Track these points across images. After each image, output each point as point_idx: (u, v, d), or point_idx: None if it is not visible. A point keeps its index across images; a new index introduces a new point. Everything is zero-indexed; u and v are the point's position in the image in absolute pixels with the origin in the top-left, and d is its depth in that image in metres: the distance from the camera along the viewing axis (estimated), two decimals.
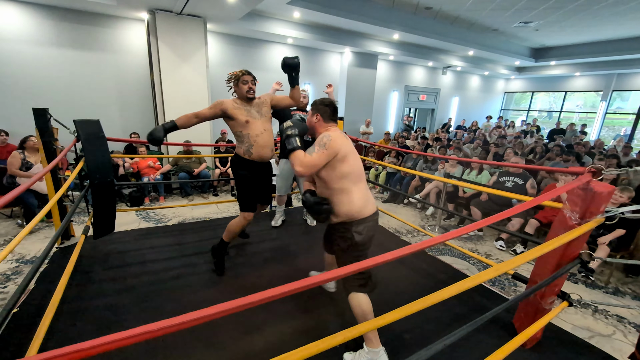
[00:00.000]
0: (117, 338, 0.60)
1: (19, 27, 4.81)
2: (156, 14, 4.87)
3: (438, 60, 8.97)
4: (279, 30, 6.21)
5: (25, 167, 3.66)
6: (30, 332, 1.79)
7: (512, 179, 4.09)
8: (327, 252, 2.06)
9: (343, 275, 0.87)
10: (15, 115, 4.90)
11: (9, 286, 2.68)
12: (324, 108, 1.73)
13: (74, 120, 2.73)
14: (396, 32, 6.75)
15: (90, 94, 5.45)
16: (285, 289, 0.76)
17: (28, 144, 3.73)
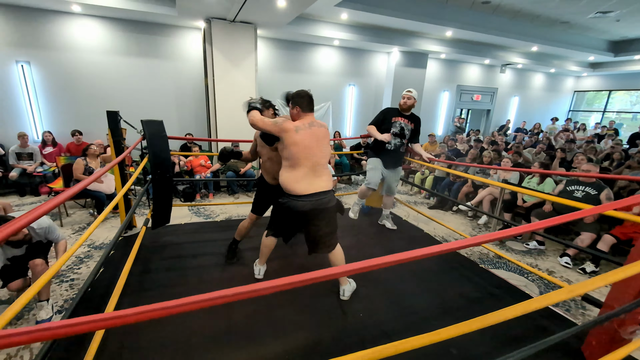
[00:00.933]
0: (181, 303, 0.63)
1: (97, 39, 5.46)
2: (212, 22, 5.19)
3: (496, 58, 8.30)
4: (326, 32, 6.24)
5: (87, 172, 4.11)
6: (100, 310, 2.00)
7: (582, 189, 3.60)
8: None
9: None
10: (89, 117, 5.56)
11: (82, 268, 3.01)
12: (300, 100, 2.09)
13: (141, 120, 2.99)
14: (449, 29, 6.38)
15: (152, 98, 5.99)
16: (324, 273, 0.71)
17: (89, 151, 4.20)
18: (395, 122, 3.27)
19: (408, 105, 3.20)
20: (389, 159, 3.34)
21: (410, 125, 3.28)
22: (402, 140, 3.29)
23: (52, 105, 5.44)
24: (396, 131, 3.25)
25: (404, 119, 3.26)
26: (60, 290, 2.63)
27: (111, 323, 0.59)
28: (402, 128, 3.26)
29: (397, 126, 3.26)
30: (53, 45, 5.21)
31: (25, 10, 4.94)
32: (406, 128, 3.26)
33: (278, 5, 4.37)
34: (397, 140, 3.29)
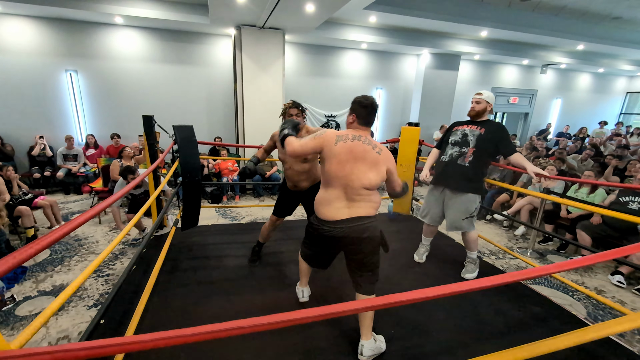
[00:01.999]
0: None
1: (136, 48, 5.79)
2: (242, 29, 5.32)
3: (536, 58, 7.80)
4: (354, 36, 6.18)
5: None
6: (132, 305, 2.09)
7: (639, 200, 3.23)
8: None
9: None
10: (127, 121, 5.89)
11: (117, 264, 3.15)
12: (361, 110, 1.69)
13: (173, 125, 3.10)
14: (485, 28, 6.09)
15: (185, 103, 6.24)
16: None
17: (124, 154, 4.44)
18: (457, 130, 2.57)
19: (476, 110, 2.52)
20: (443, 175, 2.55)
21: (480, 131, 2.45)
22: (462, 149, 2.47)
23: (95, 110, 5.84)
24: (456, 139, 2.53)
25: (472, 125, 2.53)
26: (97, 285, 2.76)
27: (129, 348, 0.56)
28: (465, 135, 2.49)
29: (457, 134, 2.54)
30: (97, 55, 5.59)
31: (74, 24, 5.35)
32: (471, 134, 2.47)
33: (307, 10, 4.39)
34: (454, 149, 2.51)
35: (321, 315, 0.63)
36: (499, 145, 2.43)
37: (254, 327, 0.59)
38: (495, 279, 0.75)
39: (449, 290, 0.67)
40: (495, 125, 2.49)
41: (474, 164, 2.43)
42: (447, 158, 2.54)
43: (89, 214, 1.25)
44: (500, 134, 2.43)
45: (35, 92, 5.40)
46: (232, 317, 2.16)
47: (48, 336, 2.15)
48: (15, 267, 0.84)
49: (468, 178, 2.44)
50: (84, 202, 5.02)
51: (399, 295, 0.68)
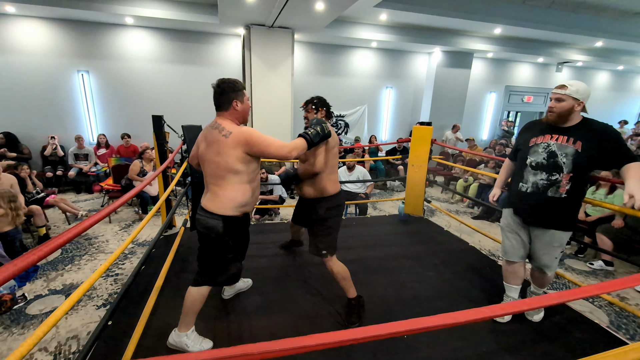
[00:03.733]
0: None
1: (146, 49, 5.84)
2: (251, 29, 5.30)
3: (551, 55, 7.57)
4: (364, 34, 6.10)
5: (142, 173, 4.43)
6: (140, 305, 2.05)
7: None
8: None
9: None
10: (137, 121, 5.94)
11: (126, 264, 3.16)
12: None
13: (182, 125, 3.09)
14: (498, 25, 5.93)
15: (193, 102, 6.25)
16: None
17: (145, 155, 4.51)
18: (537, 146, 1.82)
19: (556, 113, 1.75)
20: (527, 209, 1.88)
21: (574, 147, 1.70)
22: (551, 177, 1.75)
23: (106, 110, 5.90)
24: (539, 161, 1.80)
25: (559, 136, 1.76)
26: (106, 284, 2.77)
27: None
28: (553, 154, 1.75)
29: (539, 153, 1.81)
30: (108, 55, 5.65)
31: (85, 25, 5.42)
32: (562, 152, 1.72)
33: (316, 8, 4.33)
34: (540, 176, 1.80)
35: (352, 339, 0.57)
36: (612, 159, 1.65)
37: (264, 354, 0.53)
38: (530, 302, 0.68)
39: (490, 313, 0.60)
40: (597, 131, 1.68)
41: (573, 192, 1.73)
42: (531, 188, 1.83)
43: (101, 215, 1.26)
44: (611, 143, 1.63)
45: (48, 93, 5.49)
46: (240, 319, 2.10)
47: (58, 336, 2.15)
48: (29, 267, 0.85)
49: (564, 213, 1.78)
50: (95, 201, 5.08)
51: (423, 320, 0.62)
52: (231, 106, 1.62)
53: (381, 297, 2.39)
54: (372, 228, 3.64)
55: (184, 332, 1.75)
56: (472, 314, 0.60)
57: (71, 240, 1.02)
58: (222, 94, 1.60)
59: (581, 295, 0.72)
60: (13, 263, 0.80)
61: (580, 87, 1.71)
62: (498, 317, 0.63)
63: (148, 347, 1.84)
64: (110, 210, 1.38)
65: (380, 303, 2.33)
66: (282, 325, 2.03)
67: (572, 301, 2.62)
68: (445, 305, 2.35)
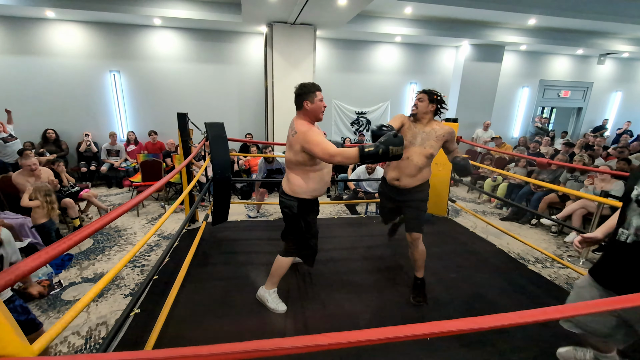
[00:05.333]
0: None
1: (173, 48, 6.03)
2: (273, 26, 5.32)
3: (592, 46, 7.03)
4: (387, 29, 5.95)
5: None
6: (163, 296, 2.16)
7: None
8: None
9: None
10: (164, 119, 6.15)
11: (152, 255, 3.28)
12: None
13: (205, 122, 3.16)
14: (533, 16, 5.57)
15: (217, 100, 6.39)
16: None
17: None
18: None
19: None
20: (618, 270, 1.26)
21: None
22: None
23: (135, 109, 6.17)
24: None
25: None
26: (133, 275, 2.88)
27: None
28: None
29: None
30: (138, 56, 5.89)
31: (116, 27, 5.68)
32: None
33: (338, 3, 4.27)
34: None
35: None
36: None
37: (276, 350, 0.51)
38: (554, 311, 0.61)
39: (508, 320, 0.55)
40: None
41: None
42: (634, 236, 1.16)
43: (127, 207, 1.33)
44: None
45: (83, 92, 5.81)
46: (261, 313, 2.12)
47: (89, 321, 2.26)
48: (62, 253, 0.90)
49: None
50: (125, 195, 5.32)
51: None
52: (303, 106, 1.88)
53: (399, 298, 2.33)
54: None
55: (268, 289, 2.16)
56: (493, 320, 0.55)
57: (99, 230, 1.08)
58: (296, 96, 1.89)
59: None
60: (45, 251, 0.84)
61: None
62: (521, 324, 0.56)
63: (171, 334, 1.92)
64: (136, 202, 1.45)
65: (398, 304, 2.26)
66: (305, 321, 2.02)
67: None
68: (464, 308, 2.25)
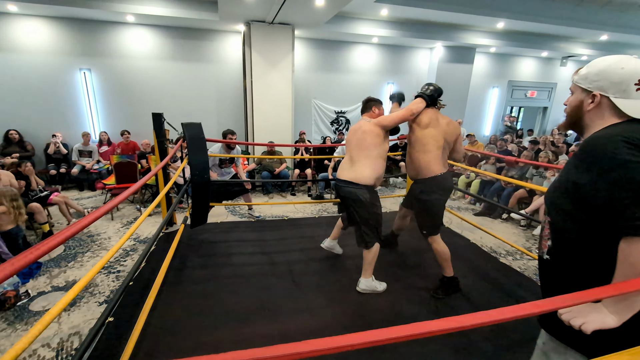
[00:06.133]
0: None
1: (147, 46, 5.84)
2: (251, 25, 5.27)
3: (555, 50, 7.47)
4: (364, 30, 6.05)
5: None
6: (140, 303, 2.08)
7: None
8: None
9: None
10: (138, 119, 5.95)
11: (128, 260, 3.18)
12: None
13: (182, 123, 3.09)
14: (501, 20, 5.85)
15: (194, 100, 6.26)
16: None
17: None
18: None
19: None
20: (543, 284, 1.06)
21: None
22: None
23: (107, 108, 5.93)
24: None
25: None
26: (108, 281, 2.79)
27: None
28: None
29: None
30: (110, 53, 5.66)
31: (87, 23, 5.43)
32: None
33: (316, 4, 4.30)
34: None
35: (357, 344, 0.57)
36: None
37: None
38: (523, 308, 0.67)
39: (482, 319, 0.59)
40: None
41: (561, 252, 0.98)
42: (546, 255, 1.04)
43: (102, 211, 1.25)
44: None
45: (51, 91, 5.52)
46: (242, 317, 2.11)
47: (60, 332, 2.17)
48: (32, 263, 0.84)
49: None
50: (97, 198, 5.11)
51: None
52: (371, 110, 2.43)
53: (380, 295, 2.40)
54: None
55: (369, 277, 2.37)
56: (474, 319, 0.60)
57: (72, 236, 1.02)
58: (367, 102, 2.46)
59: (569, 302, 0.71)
60: (10, 262, 0.80)
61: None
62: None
63: (147, 344, 1.87)
64: (112, 207, 1.39)
65: (380, 302, 2.33)
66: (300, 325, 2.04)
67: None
68: (441, 303, 2.35)
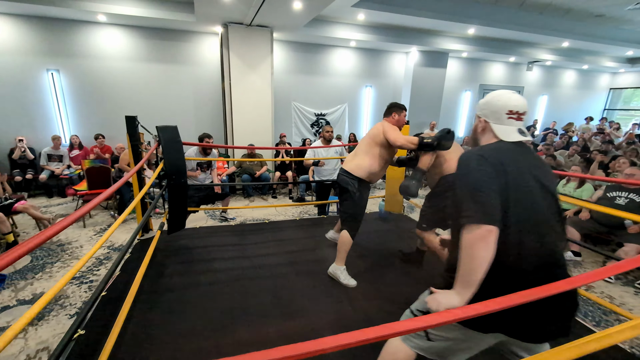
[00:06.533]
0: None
1: (121, 47, 5.64)
2: (229, 27, 5.22)
3: (522, 55, 7.90)
4: (342, 34, 6.15)
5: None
6: (114, 314, 1.95)
7: (625, 195, 3.28)
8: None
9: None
10: (112, 122, 5.74)
11: (101, 270, 3.05)
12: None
13: (157, 126, 3.01)
14: (472, 26, 6.12)
15: (171, 102, 6.11)
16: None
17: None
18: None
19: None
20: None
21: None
22: None
23: (79, 111, 5.67)
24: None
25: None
26: (79, 292, 2.67)
27: None
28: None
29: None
30: (80, 54, 5.42)
31: (55, 22, 5.18)
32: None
33: (294, 7, 4.33)
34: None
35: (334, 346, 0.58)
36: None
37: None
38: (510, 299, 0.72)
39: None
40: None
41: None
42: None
43: (72, 218, 1.16)
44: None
45: (16, 93, 5.21)
46: (222, 325, 2.06)
47: (27, 348, 2.06)
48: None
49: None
50: (68, 205, 4.87)
51: None
52: (391, 115, 2.49)
53: (360, 297, 2.43)
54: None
55: (339, 265, 2.43)
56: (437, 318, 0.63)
57: (38, 246, 0.93)
58: (389, 107, 2.52)
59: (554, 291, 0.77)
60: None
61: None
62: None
63: (122, 356, 1.78)
64: (84, 213, 1.28)
65: (360, 303, 2.36)
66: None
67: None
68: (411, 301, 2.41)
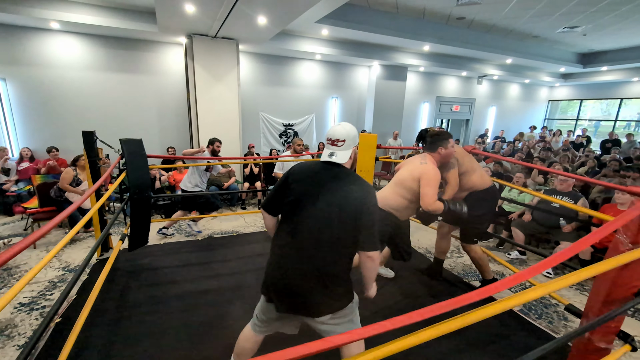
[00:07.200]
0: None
1: (76, 56, 5.37)
2: (193, 38, 5.19)
3: (472, 70, 8.61)
4: (308, 47, 6.34)
5: (75, 183, 3.96)
6: (68, 340, 1.80)
7: (560, 198, 3.71)
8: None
9: None
10: (67, 134, 5.40)
11: (55, 293, 2.86)
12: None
13: (120, 139, 2.92)
14: (427, 43, 6.59)
15: (134, 113, 5.89)
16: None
17: (79, 163, 4.04)
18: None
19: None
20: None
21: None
22: None
23: (29, 122, 5.28)
24: None
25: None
26: (30, 320, 2.48)
27: None
28: None
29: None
30: (30, 62, 5.08)
31: (1, 28, 4.81)
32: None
33: (259, 22, 4.42)
34: None
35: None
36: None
37: None
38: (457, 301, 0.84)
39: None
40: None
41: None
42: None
43: (27, 242, 1.06)
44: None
45: None
46: (190, 344, 2.03)
47: None
48: None
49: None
50: (16, 224, 4.48)
51: None
52: (436, 150, 2.28)
53: None
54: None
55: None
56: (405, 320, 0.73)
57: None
58: (433, 139, 2.28)
59: (502, 289, 0.90)
60: None
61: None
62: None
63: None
64: (39, 236, 1.19)
65: None
66: None
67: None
68: (391, 302, 2.56)
